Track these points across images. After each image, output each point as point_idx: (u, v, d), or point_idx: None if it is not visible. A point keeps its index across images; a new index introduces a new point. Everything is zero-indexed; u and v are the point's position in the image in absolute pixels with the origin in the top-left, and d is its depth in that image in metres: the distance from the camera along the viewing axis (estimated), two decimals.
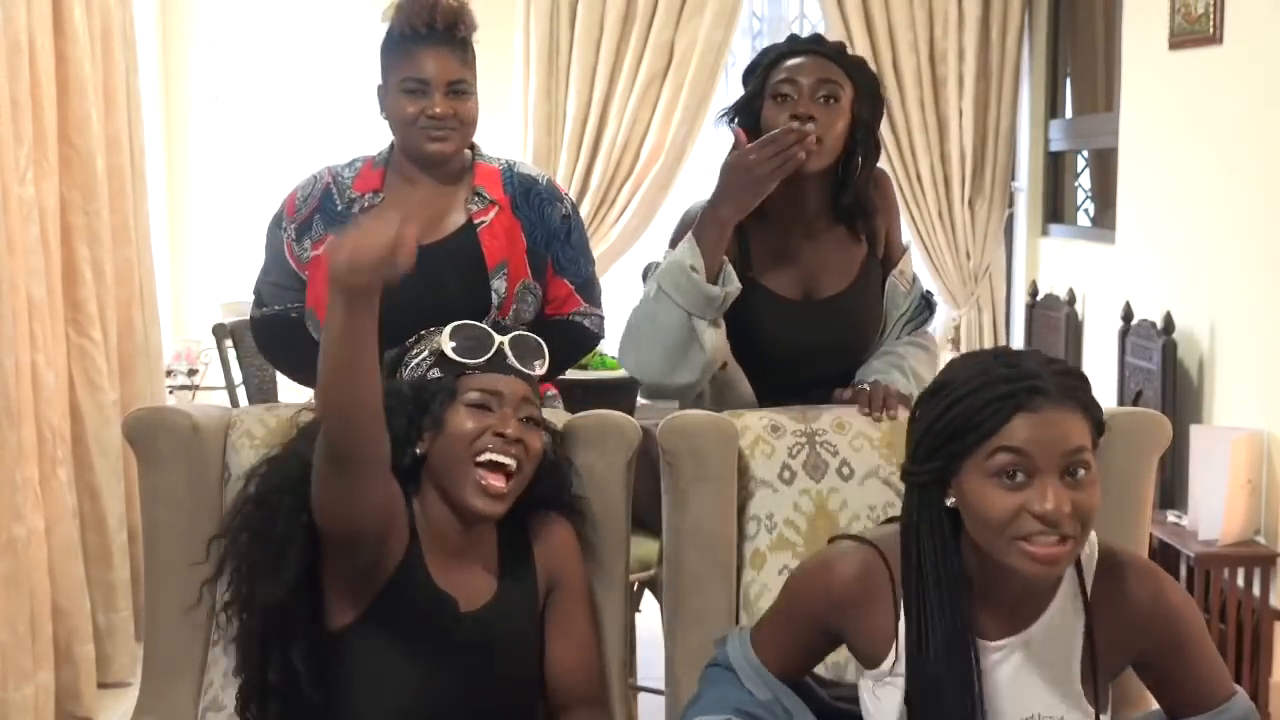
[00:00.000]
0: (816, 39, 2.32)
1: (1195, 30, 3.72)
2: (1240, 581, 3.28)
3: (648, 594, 3.08)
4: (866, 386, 2.17)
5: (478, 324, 1.86)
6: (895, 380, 2.22)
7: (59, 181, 3.32)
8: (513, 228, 2.32)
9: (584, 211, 4.98)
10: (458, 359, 1.80)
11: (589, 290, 2.42)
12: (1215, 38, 3.62)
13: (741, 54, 5.21)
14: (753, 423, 2.07)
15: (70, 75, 3.33)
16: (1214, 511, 3.31)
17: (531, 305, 2.34)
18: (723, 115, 2.31)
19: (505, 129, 4.95)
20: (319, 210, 2.34)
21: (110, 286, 3.53)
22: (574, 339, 2.41)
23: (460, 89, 2.24)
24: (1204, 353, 3.65)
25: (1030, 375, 1.46)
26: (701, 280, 2.10)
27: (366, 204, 2.31)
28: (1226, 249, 3.59)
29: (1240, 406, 3.48)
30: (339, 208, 2.32)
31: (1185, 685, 1.59)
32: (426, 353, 1.84)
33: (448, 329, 1.84)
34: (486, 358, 1.80)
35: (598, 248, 4.98)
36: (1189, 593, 3.29)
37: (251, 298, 2.47)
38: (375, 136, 2.40)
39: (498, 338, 1.83)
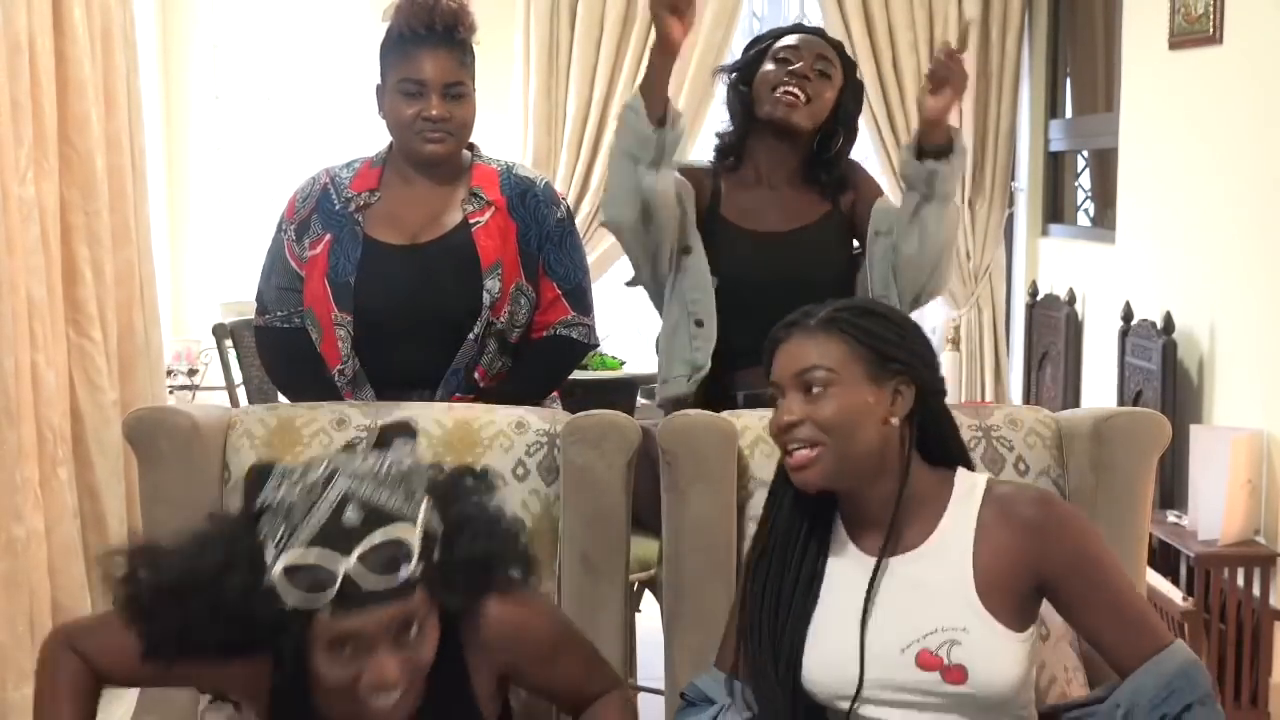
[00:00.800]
0: (818, 30, 2.61)
1: (1195, 30, 3.72)
2: (1240, 581, 3.28)
3: (648, 594, 3.08)
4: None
5: (317, 555, 1.44)
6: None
7: (59, 181, 3.32)
8: (507, 228, 2.32)
9: (584, 212, 4.98)
10: (298, 605, 1.44)
11: (578, 298, 2.40)
12: (1215, 38, 3.62)
13: (740, 54, 5.21)
14: (753, 423, 2.07)
15: (70, 75, 3.33)
16: (1214, 511, 3.31)
17: (524, 308, 2.34)
18: (722, 70, 2.62)
19: (505, 129, 4.95)
20: (317, 210, 2.34)
21: (110, 286, 3.53)
22: (560, 356, 2.40)
23: (457, 91, 2.25)
24: (1204, 353, 3.65)
25: (799, 313, 1.70)
26: (636, 120, 2.31)
27: (363, 202, 2.31)
28: (1226, 249, 3.59)
29: (1240, 406, 3.48)
30: (336, 206, 2.33)
31: (1110, 620, 1.62)
32: (266, 576, 1.47)
33: (281, 562, 1.45)
34: (330, 594, 1.43)
35: (596, 249, 4.98)
36: (1189, 593, 3.31)
37: (252, 298, 2.48)
38: (375, 136, 2.40)
39: (339, 568, 1.44)
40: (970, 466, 1.74)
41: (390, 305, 2.27)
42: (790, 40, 2.51)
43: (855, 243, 2.59)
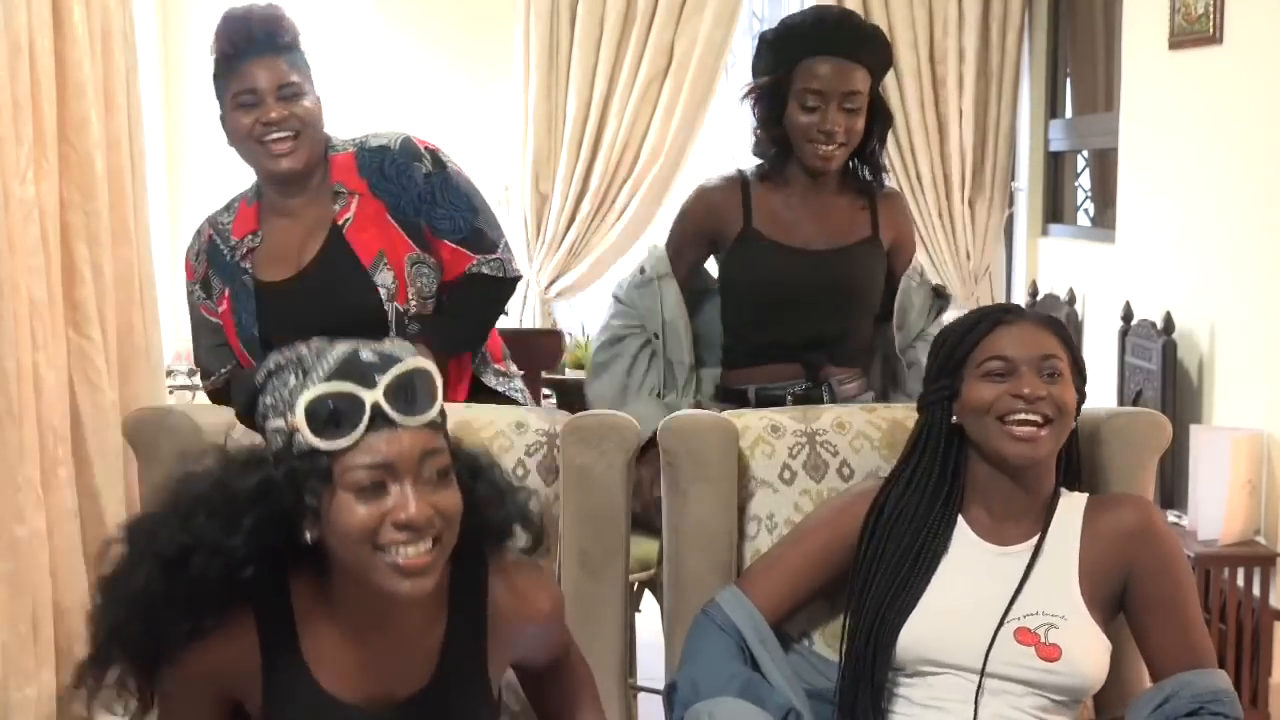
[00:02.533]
0: (842, 27, 2.46)
1: (1195, 30, 3.72)
2: (1240, 581, 3.28)
3: (648, 594, 3.09)
4: None
5: (341, 386, 1.39)
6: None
7: (59, 181, 3.32)
8: (378, 211, 2.28)
9: (584, 211, 4.97)
10: (324, 445, 1.38)
11: (476, 240, 2.33)
12: (1215, 38, 3.62)
13: (741, 54, 5.21)
14: (753, 423, 2.07)
15: (70, 75, 3.33)
16: (1214, 511, 3.31)
17: (429, 276, 2.30)
18: (746, 94, 2.50)
19: (505, 129, 4.95)
20: (211, 265, 2.35)
21: (110, 287, 3.52)
22: (478, 292, 2.35)
23: (290, 92, 2.23)
24: (1204, 353, 3.65)
25: (1006, 307, 1.86)
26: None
27: (247, 248, 2.31)
28: (1226, 249, 3.59)
29: (1240, 406, 3.48)
30: (227, 258, 2.33)
31: (1173, 630, 1.76)
32: (283, 424, 1.41)
33: (300, 402, 1.38)
34: (359, 431, 1.38)
35: (597, 248, 4.99)
36: None
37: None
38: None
39: (368, 397, 1.38)
40: (1076, 486, 1.90)
41: (292, 331, 2.24)
42: (812, 76, 2.37)
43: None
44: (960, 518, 1.84)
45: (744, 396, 2.46)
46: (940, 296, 2.63)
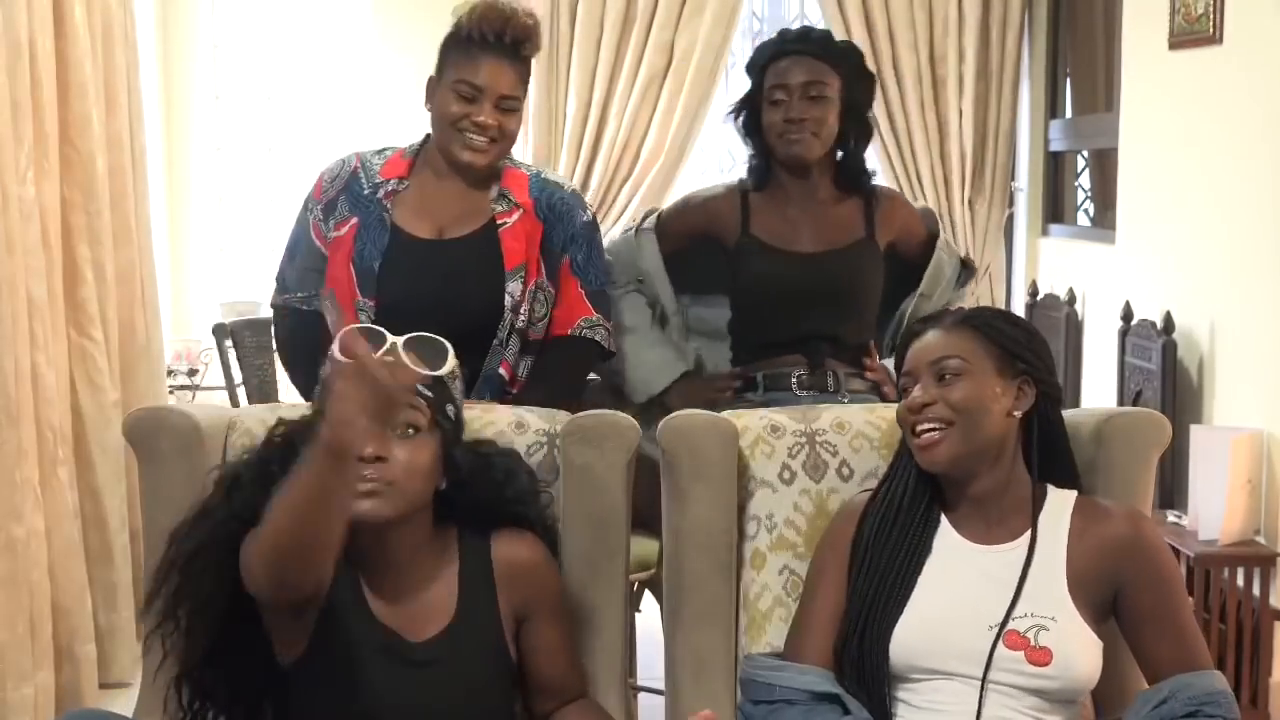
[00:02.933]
0: (802, 35, 2.62)
1: (1195, 30, 3.72)
2: (1240, 581, 3.28)
3: (648, 594, 3.08)
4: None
5: (372, 329, 1.71)
6: None
7: (60, 182, 3.32)
8: (534, 231, 2.33)
9: None
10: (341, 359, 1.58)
11: (601, 301, 2.41)
12: (1215, 38, 3.62)
13: (741, 54, 5.21)
14: (753, 423, 2.07)
15: (71, 76, 3.33)
16: (1214, 511, 3.31)
17: (543, 306, 2.34)
18: (730, 113, 2.65)
19: None
20: (345, 191, 2.34)
21: (111, 287, 3.53)
22: (583, 357, 2.41)
23: (510, 105, 2.27)
24: (1204, 353, 3.65)
25: (924, 318, 1.90)
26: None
27: (390, 188, 2.31)
28: (1226, 249, 3.59)
29: (1240, 406, 3.48)
30: (365, 191, 2.33)
31: (1167, 637, 1.75)
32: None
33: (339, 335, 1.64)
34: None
35: None
36: (1189, 593, 3.30)
37: (252, 298, 2.48)
38: (375, 136, 2.40)
39: (389, 338, 1.70)
40: (1076, 485, 1.87)
41: (412, 296, 2.26)
42: (776, 73, 2.52)
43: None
44: (944, 516, 1.84)
45: (754, 382, 2.60)
46: (966, 267, 2.75)
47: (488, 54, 2.23)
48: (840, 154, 2.61)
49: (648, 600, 3.04)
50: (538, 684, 1.83)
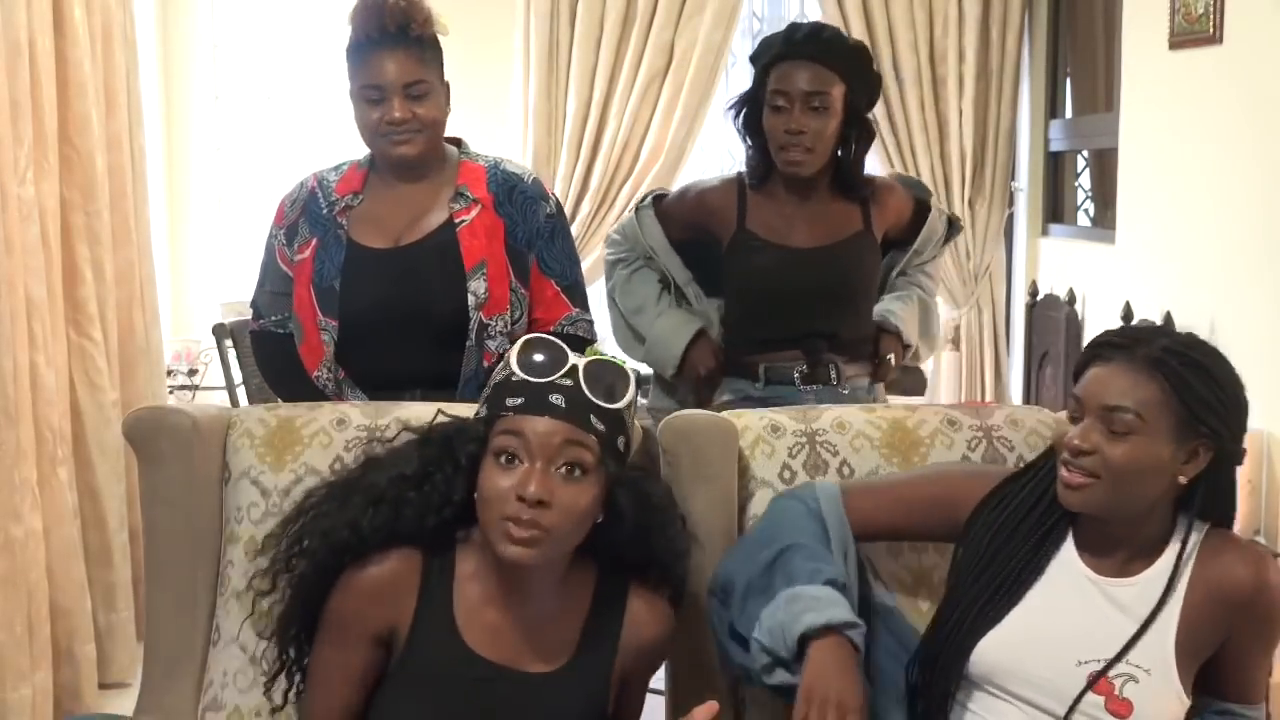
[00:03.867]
0: (811, 34, 2.55)
1: (1195, 30, 3.72)
2: None
3: None
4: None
5: (554, 341, 1.65)
6: (893, 311, 2.67)
7: (59, 181, 3.32)
8: (494, 226, 2.31)
9: (583, 212, 4.98)
10: (522, 376, 1.59)
11: (577, 293, 2.39)
12: (1215, 38, 3.62)
13: (741, 54, 5.21)
14: (753, 423, 2.07)
15: (70, 75, 3.33)
16: None
17: (518, 309, 2.33)
18: (730, 108, 2.65)
19: (505, 129, 4.95)
20: (304, 214, 2.34)
21: (110, 286, 3.53)
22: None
23: (418, 91, 2.22)
24: None
25: (1115, 341, 1.68)
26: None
27: (344, 205, 2.31)
28: (1226, 249, 3.59)
29: None
30: (323, 210, 2.33)
31: (1236, 672, 1.70)
32: (501, 365, 1.66)
33: (522, 340, 1.65)
34: (551, 379, 1.59)
35: (597, 248, 4.98)
36: None
37: (248, 297, 2.49)
38: None
39: (570, 358, 1.61)
40: (1229, 526, 1.75)
41: (374, 309, 2.27)
42: (780, 77, 2.51)
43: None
44: (1070, 536, 1.72)
45: (755, 372, 2.61)
46: (952, 226, 2.80)
47: (376, 50, 2.22)
48: (839, 154, 2.60)
49: None
50: None
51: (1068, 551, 1.72)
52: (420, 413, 2.01)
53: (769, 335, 2.60)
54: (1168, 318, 3.65)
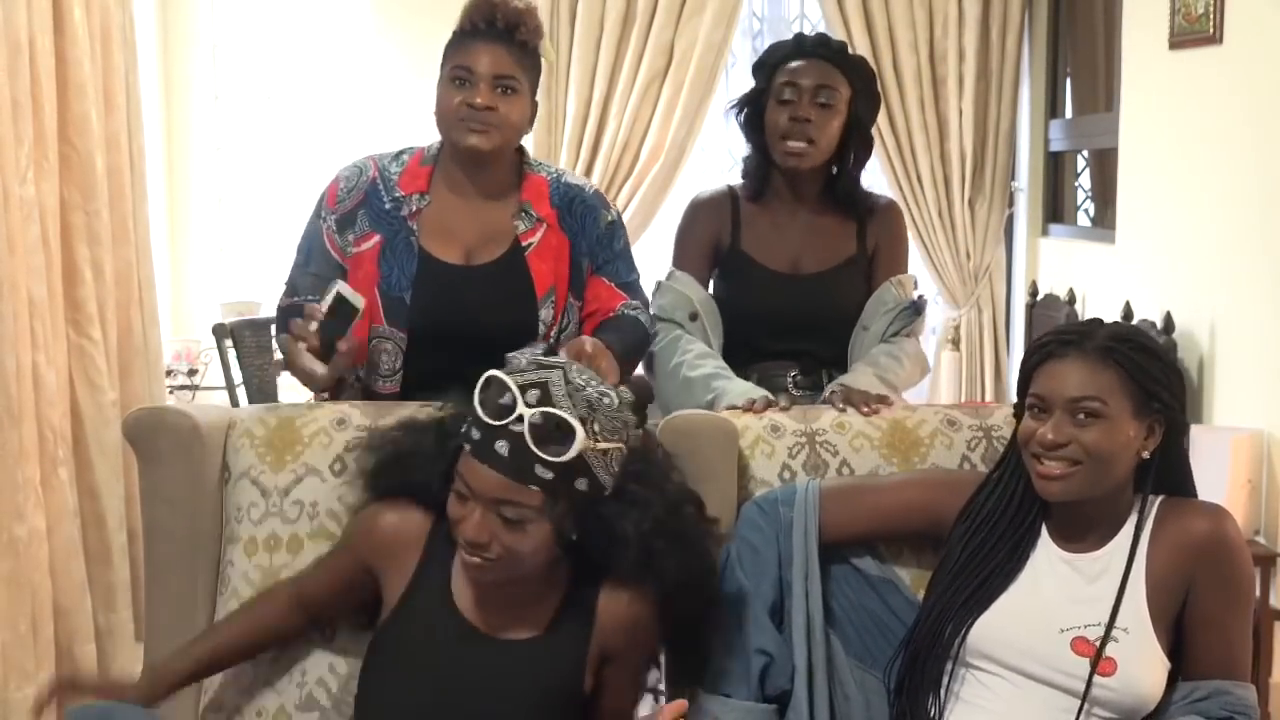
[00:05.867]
0: (821, 40, 2.56)
1: (1195, 30, 3.72)
2: None
3: None
4: (838, 390, 2.25)
5: (507, 383, 1.67)
6: (867, 383, 2.38)
7: (59, 181, 3.32)
8: (560, 247, 2.27)
9: None
10: (479, 412, 1.65)
11: (633, 290, 2.36)
12: (1215, 38, 3.63)
13: (741, 54, 5.22)
14: (753, 423, 2.07)
15: (70, 75, 3.33)
16: None
17: (569, 319, 2.29)
18: (731, 107, 2.61)
19: None
20: (364, 205, 2.26)
21: (110, 286, 3.52)
22: (636, 329, 2.31)
23: (507, 85, 2.18)
24: (1204, 353, 3.65)
25: (1067, 336, 1.78)
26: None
27: (414, 207, 2.25)
28: (1226, 249, 3.59)
29: (1240, 406, 3.48)
30: (386, 205, 2.26)
31: (1215, 640, 1.75)
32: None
33: (490, 373, 1.70)
34: (504, 423, 1.62)
35: None
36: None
37: (252, 299, 2.47)
38: (377, 137, 2.39)
39: (521, 408, 1.62)
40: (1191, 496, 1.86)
41: (443, 324, 2.22)
42: (790, 72, 2.48)
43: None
44: (1043, 524, 1.83)
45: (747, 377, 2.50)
46: (915, 310, 2.58)
47: (479, 39, 2.19)
48: (836, 170, 2.55)
49: None
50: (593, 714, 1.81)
51: (1044, 543, 1.83)
52: (421, 414, 2.02)
53: (762, 349, 2.56)
54: (1168, 318, 3.65)
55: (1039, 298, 4.82)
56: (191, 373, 4.89)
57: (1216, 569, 1.75)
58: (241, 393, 4.09)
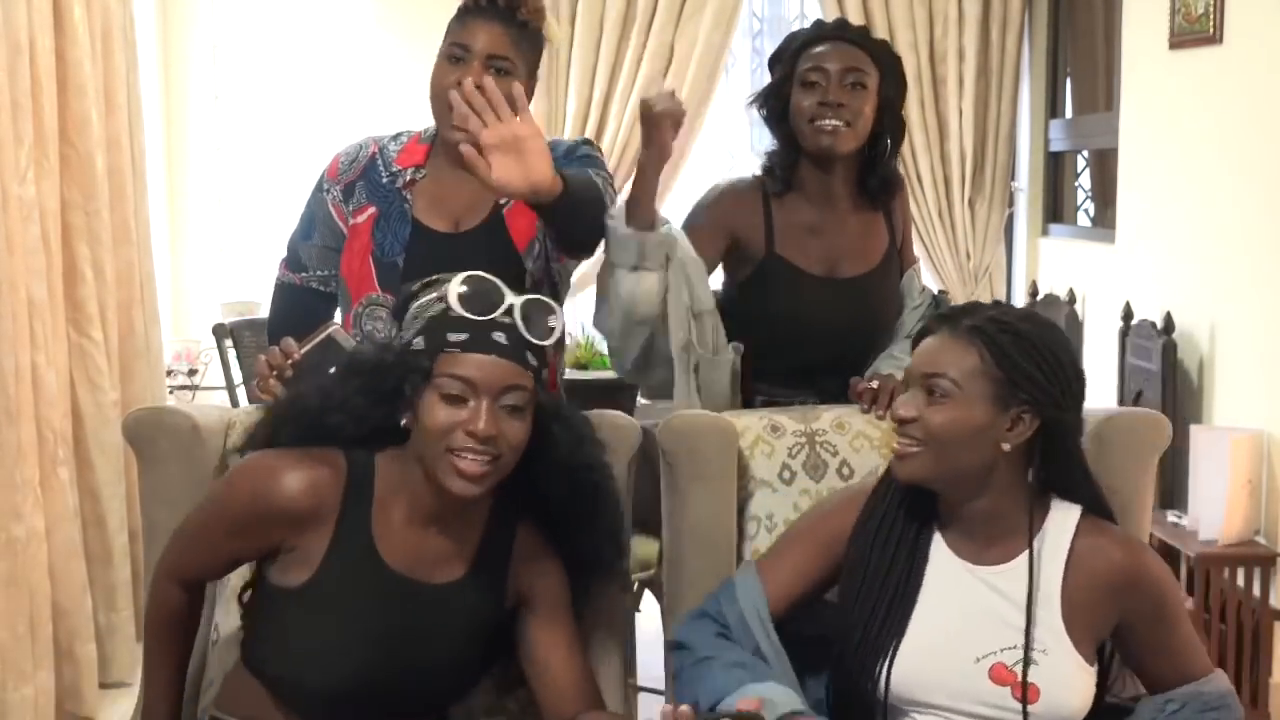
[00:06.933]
0: (842, 24, 2.39)
1: (1195, 30, 3.72)
2: (1240, 581, 3.28)
3: (648, 594, 3.09)
4: (875, 384, 2.15)
5: (493, 283, 1.71)
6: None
7: (59, 181, 3.32)
8: None
9: None
10: (462, 312, 1.66)
11: (591, 164, 2.27)
12: (1215, 38, 3.63)
13: (741, 54, 5.22)
14: (753, 423, 2.07)
15: (70, 75, 3.33)
16: (1214, 512, 3.32)
17: (542, 253, 2.28)
18: (752, 101, 2.40)
19: None
20: (362, 177, 2.29)
21: (110, 286, 3.53)
22: (592, 186, 2.21)
23: (501, 65, 2.15)
24: (1204, 353, 3.65)
25: (961, 308, 1.74)
26: (617, 224, 2.14)
27: (409, 178, 2.27)
28: (1226, 249, 3.59)
29: (1240, 406, 3.48)
30: (383, 180, 2.29)
31: (1167, 658, 1.72)
32: (434, 297, 1.71)
33: (456, 281, 1.70)
34: (492, 317, 1.67)
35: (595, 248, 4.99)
36: (1189, 593, 3.31)
37: (252, 299, 2.45)
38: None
39: (508, 297, 1.69)
40: (1101, 511, 1.76)
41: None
42: (814, 57, 2.28)
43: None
44: (938, 533, 1.75)
45: (753, 404, 2.35)
46: (937, 306, 2.44)
47: (477, 17, 2.18)
48: (870, 157, 2.35)
49: (648, 600, 3.04)
50: (553, 682, 1.79)
51: (939, 549, 1.74)
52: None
53: (783, 365, 2.33)
54: (1168, 318, 3.65)
55: (1039, 298, 4.82)
56: (191, 373, 4.89)
57: (1145, 602, 1.70)
58: (241, 393, 4.09)
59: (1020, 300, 5.15)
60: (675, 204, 4.76)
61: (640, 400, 4.19)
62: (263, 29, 5.09)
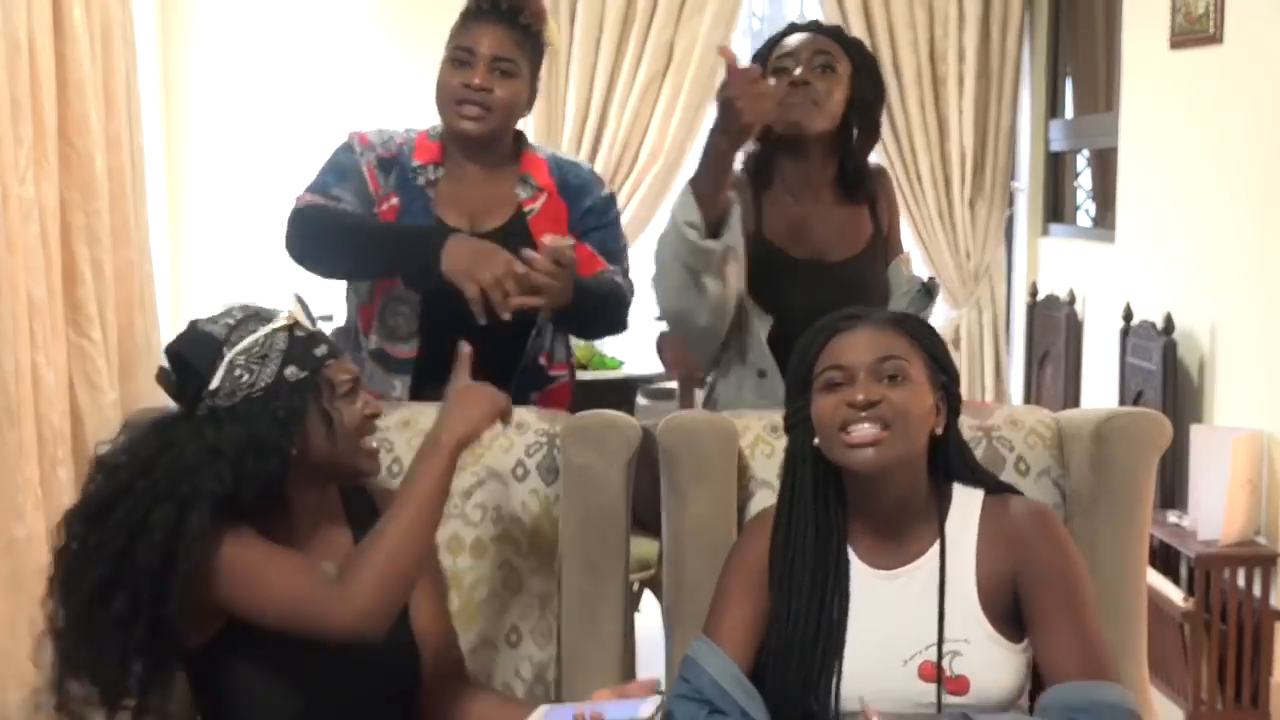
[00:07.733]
0: (813, 22, 2.45)
1: (1195, 30, 3.72)
2: (1240, 581, 3.28)
3: (648, 594, 3.09)
4: None
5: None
6: None
7: (59, 181, 3.32)
8: (559, 211, 2.33)
9: None
10: (317, 355, 1.74)
11: (616, 259, 2.36)
12: (1215, 37, 3.63)
13: (741, 54, 5.20)
14: (753, 423, 2.07)
15: (70, 75, 3.33)
16: (1214, 512, 3.31)
17: None
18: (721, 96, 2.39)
19: None
20: (395, 162, 2.31)
21: (110, 286, 3.52)
22: (611, 292, 2.31)
23: (505, 68, 2.22)
24: (1204, 353, 3.65)
25: (846, 313, 1.74)
26: (698, 238, 2.14)
27: (431, 176, 2.30)
28: (1227, 249, 3.59)
29: (1240, 406, 3.48)
30: (410, 175, 2.31)
31: (1064, 639, 1.63)
32: (265, 332, 1.79)
33: (280, 314, 1.80)
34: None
35: None
36: (1189, 593, 3.31)
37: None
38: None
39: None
40: (984, 485, 1.76)
41: (451, 299, 2.15)
42: (784, 46, 2.37)
43: None
44: (849, 549, 1.72)
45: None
46: (929, 293, 2.47)
47: (481, 20, 2.24)
48: (843, 151, 2.38)
49: (648, 600, 3.04)
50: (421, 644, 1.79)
51: (854, 563, 1.71)
52: (419, 414, 2.01)
53: (784, 351, 2.28)
54: (1168, 318, 3.65)
55: (1039, 298, 4.82)
56: None
57: (1038, 560, 1.66)
58: None
59: (1020, 300, 5.15)
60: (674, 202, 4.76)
61: (640, 400, 4.20)
62: (263, 29, 5.09)
